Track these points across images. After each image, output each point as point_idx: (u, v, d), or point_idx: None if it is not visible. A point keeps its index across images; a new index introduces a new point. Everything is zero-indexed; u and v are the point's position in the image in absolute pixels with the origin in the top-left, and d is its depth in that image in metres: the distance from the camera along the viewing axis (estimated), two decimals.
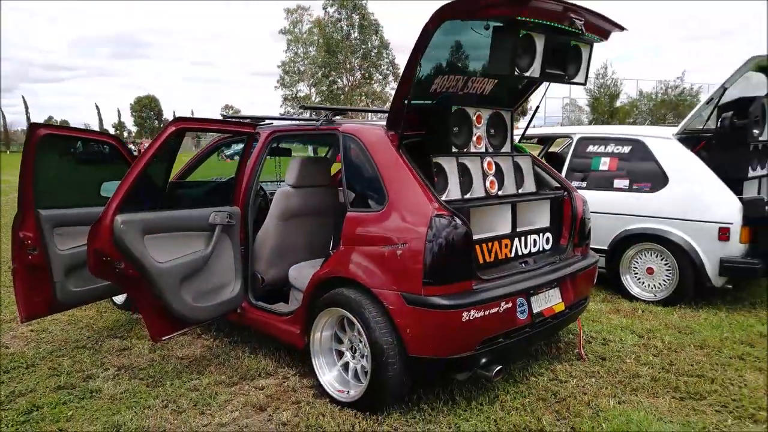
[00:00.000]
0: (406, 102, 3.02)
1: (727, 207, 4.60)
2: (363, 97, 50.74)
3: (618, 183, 5.22)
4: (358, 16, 48.60)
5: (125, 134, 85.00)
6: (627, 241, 5.06)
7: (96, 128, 59.01)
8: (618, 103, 39.05)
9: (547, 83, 3.75)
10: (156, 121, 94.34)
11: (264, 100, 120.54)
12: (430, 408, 3.08)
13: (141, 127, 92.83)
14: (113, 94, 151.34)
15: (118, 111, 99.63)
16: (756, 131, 4.82)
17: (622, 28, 3.38)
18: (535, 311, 3.19)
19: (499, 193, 3.52)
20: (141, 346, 4.07)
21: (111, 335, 4.32)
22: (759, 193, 5.36)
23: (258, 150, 3.95)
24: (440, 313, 2.82)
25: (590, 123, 41.01)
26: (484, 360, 3.00)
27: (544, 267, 3.44)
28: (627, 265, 5.10)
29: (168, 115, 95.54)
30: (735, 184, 4.74)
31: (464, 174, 3.36)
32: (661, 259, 4.93)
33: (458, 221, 2.88)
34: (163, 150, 3.22)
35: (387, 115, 3.29)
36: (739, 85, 4.82)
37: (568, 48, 3.24)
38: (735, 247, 4.57)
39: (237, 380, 3.51)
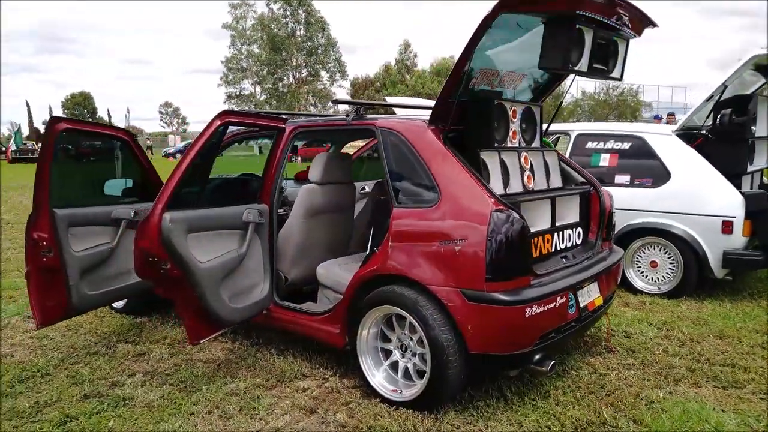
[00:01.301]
0: (455, 95, 2.98)
1: (729, 201, 4.78)
2: (310, 96, 50.46)
3: (619, 179, 5.34)
4: (304, 13, 48.17)
5: None
6: (630, 235, 5.18)
7: (26, 127, 56.45)
8: (563, 104, 40.22)
9: (570, 79, 3.81)
10: (89, 119, 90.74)
11: (206, 98, 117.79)
12: (485, 405, 3.06)
13: None
14: (41, 91, 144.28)
15: (50, 108, 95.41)
16: (753, 127, 5.03)
17: (654, 25, 3.45)
18: (581, 305, 3.22)
19: (534, 188, 3.54)
20: (158, 351, 3.88)
21: (121, 340, 4.10)
22: (751, 187, 5.59)
23: (282, 146, 3.83)
24: (504, 309, 2.80)
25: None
26: (538, 356, 3.01)
27: (583, 262, 3.47)
28: (631, 258, 5.23)
29: (102, 113, 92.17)
30: (733, 178, 4.93)
31: (503, 169, 3.35)
32: (665, 253, 5.08)
33: (516, 216, 2.87)
34: (208, 145, 3.07)
35: (432, 108, 3.24)
36: (734, 83, 5.02)
37: (610, 43, 3.27)
38: (737, 240, 4.76)
39: (274, 383, 3.40)
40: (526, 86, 3.87)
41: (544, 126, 4.52)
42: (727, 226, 4.75)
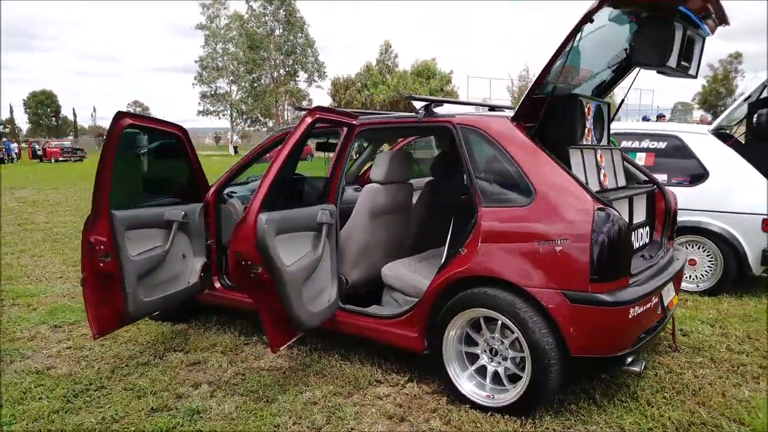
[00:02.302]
0: (544, 90, 2.92)
1: (765, 198, 4.82)
2: (288, 95, 50.02)
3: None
4: (285, 12, 47.70)
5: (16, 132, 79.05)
6: None
7: None
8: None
9: (635, 75, 3.78)
10: (53, 119, 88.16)
11: (177, 97, 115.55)
12: (577, 408, 2.99)
13: (36, 124, 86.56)
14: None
15: (11, 107, 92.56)
16: None
17: (727, 23, 3.43)
18: (665, 305, 3.19)
19: (608, 187, 3.49)
20: (214, 359, 3.71)
21: (169, 349, 3.90)
22: None
23: (348, 144, 3.70)
24: (610, 310, 2.73)
25: None
26: (631, 357, 2.95)
27: (659, 261, 3.44)
28: None
29: (66, 112, 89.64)
30: None
31: (585, 167, 3.29)
32: (703, 251, 5.11)
33: (617, 214, 2.80)
34: (299, 142, 2.92)
35: (519, 104, 3.16)
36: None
37: (693, 41, 3.24)
38: None
39: (351, 390, 3.26)
40: (590, 83, 3.83)
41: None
42: (766, 224, 4.80)
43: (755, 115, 5.06)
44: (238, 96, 50.36)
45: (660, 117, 16.27)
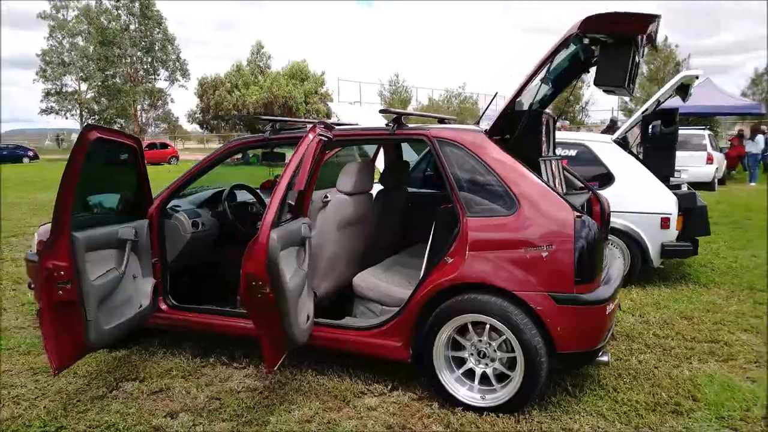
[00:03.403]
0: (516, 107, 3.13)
1: (666, 200, 5.48)
2: (147, 95, 47.10)
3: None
4: (139, 5, 44.74)
5: None
6: None
7: None
8: (410, 108, 42.17)
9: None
10: None
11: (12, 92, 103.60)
12: (557, 400, 3.23)
13: None
14: None
15: None
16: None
17: (655, 48, 3.87)
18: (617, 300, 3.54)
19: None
20: (177, 385, 3.49)
21: (119, 378, 3.60)
22: None
23: (321, 157, 3.66)
24: (591, 308, 3.00)
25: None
26: (602, 350, 3.25)
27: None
28: None
29: None
30: (663, 180, 5.68)
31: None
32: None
33: (591, 220, 3.08)
34: (302, 159, 2.84)
35: (496, 118, 3.34)
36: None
37: (637, 63, 3.62)
38: (672, 234, 5.49)
39: (339, 404, 3.24)
40: (535, 97, 4.11)
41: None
42: (665, 222, 5.45)
43: (650, 126, 5.73)
44: (90, 94, 46.43)
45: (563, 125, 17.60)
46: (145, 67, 47.50)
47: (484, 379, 3.21)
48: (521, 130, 3.32)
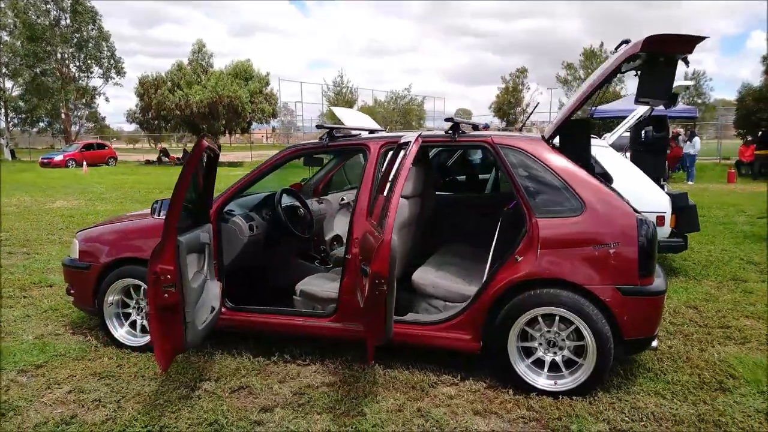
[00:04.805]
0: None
1: (661, 200, 5.99)
2: (80, 93, 45.09)
3: None
4: (70, 0, 42.78)
5: None
6: None
7: None
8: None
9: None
10: None
11: None
12: (617, 384, 3.56)
13: None
14: None
15: None
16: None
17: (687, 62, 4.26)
18: None
19: None
20: (255, 383, 3.61)
21: (195, 379, 3.68)
22: None
23: (373, 163, 3.88)
24: (652, 299, 3.37)
25: None
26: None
27: None
28: None
29: None
30: (655, 182, 6.19)
31: None
32: None
33: (650, 219, 3.45)
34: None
35: (553, 126, 3.65)
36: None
37: None
38: (666, 231, 6.00)
39: (419, 394, 3.46)
40: None
41: None
42: (660, 220, 5.95)
43: (642, 131, 6.24)
44: (17, 93, 44.03)
45: (485, 128, 18.16)
46: (78, 64, 45.50)
47: (550, 366, 3.51)
48: (575, 136, 3.66)
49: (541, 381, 3.46)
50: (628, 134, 6.86)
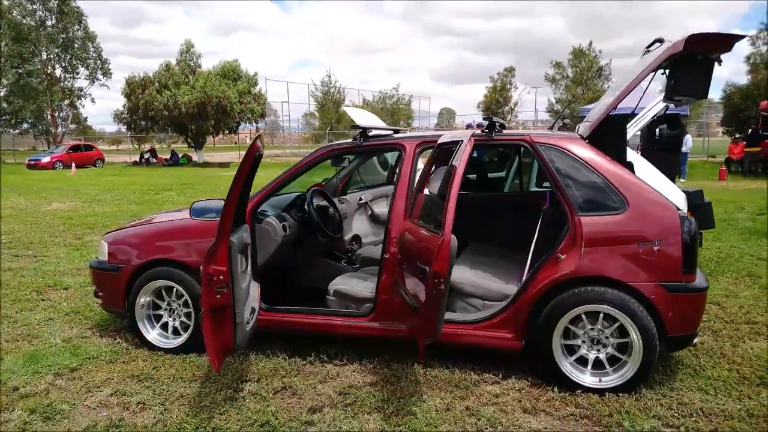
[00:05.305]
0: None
1: (678, 197, 6.03)
2: (66, 94, 44.67)
3: None
4: (56, 1, 42.36)
5: None
6: None
7: None
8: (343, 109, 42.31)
9: None
10: None
11: None
12: (659, 380, 3.59)
13: None
14: None
15: None
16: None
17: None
18: None
19: None
20: (297, 383, 3.59)
21: (236, 380, 3.65)
22: None
23: (410, 163, 3.88)
24: (697, 295, 3.40)
25: (318, 128, 43.54)
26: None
27: None
28: None
29: None
30: (671, 180, 6.25)
31: None
32: None
33: (690, 217, 3.48)
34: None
35: (593, 124, 3.66)
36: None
37: None
38: None
39: (465, 393, 3.47)
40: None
41: None
42: None
43: (657, 129, 6.29)
44: (2, 93, 43.49)
45: (479, 126, 18.24)
46: (63, 65, 45.05)
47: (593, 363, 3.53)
48: (612, 134, 3.68)
49: (587, 378, 3.48)
50: (638, 133, 6.93)
